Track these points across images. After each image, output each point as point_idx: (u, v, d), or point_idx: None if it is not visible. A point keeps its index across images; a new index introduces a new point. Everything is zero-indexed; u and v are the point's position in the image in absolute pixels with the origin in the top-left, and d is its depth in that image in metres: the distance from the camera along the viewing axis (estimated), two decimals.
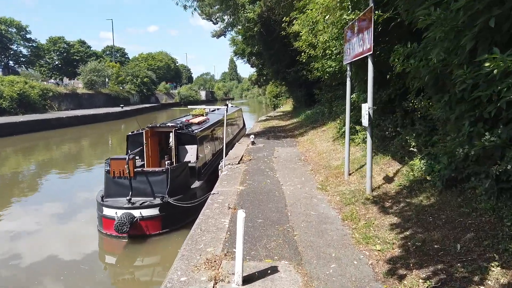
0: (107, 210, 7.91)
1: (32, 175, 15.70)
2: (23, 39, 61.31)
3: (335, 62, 9.51)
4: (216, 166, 11.98)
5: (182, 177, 8.74)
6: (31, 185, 13.77)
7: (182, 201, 8.28)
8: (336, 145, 11.36)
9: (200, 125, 12.28)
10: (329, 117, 17.68)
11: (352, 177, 7.74)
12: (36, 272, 6.65)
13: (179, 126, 10.35)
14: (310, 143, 13.37)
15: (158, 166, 10.86)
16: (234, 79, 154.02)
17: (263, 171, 9.39)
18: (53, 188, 13.24)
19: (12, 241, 8.09)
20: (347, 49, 7.69)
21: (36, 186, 13.69)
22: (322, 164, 9.71)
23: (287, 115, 29.63)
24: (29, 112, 33.82)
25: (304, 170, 9.34)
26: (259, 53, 28.10)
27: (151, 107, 58.92)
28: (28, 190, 12.89)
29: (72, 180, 14.51)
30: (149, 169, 8.29)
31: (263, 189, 7.58)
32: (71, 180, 14.49)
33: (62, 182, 14.19)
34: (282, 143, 14.26)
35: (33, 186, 13.63)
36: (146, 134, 10.06)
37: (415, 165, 6.52)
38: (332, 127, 15.06)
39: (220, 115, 16.43)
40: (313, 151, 11.79)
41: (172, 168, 8.29)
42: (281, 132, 18.55)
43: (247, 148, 13.26)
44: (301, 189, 7.48)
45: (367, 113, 6.07)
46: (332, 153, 10.61)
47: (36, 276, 6.50)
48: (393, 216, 5.25)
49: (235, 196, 7.10)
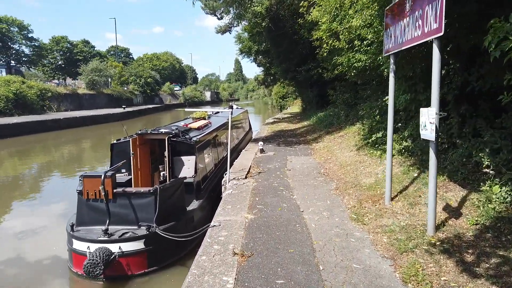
0: (77, 244, 6.15)
1: (17, 184, 14.04)
2: (25, 38, 60.03)
3: (366, 55, 7.68)
4: (219, 179, 10.20)
5: (175, 197, 6.95)
6: (32, 187, 13.50)
7: (175, 228, 6.50)
8: (361, 155, 9.51)
9: (201, 130, 10.50)
10: (346, 121, 15.84)
11: (396, 203, 5.91)
12: (41, 271, 6.65)
13: (174, 132, 8.58)
14: (328, 152, 11.53)
15: (150, 181, 9.11)
16: (239, 80, 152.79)
17: (276, 189, 7.58)
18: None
19: (18, 239, 8.18)
20: (389, 36, 5.88)
21: (38, 187, 13.48)
22: (348, 181, 7.88)
23: (296, 117, 27.82)
24: (26, 113, 32.38)
25: (327, 189, 7.51)
26: (266, 51, 26.26)
27: (154, 108, 57.39)
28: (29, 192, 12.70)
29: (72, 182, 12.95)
30: (131, 190, 6.50)
31: (278, 218, 5.78)
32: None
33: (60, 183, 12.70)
34: (295, 151, 12.44)
35: (35, 188, 13.36)
36: (134, 142, 8.30)
37: (494, 193, 4.68)
38: (351, 133, 13.23)
39: (224, 118, 14.65)
40: (334, 162, 9.96)
41: (163, 188, 6.50)
42: (292, 137, 16.72)
43: (255, 157, 11.47)
44: (329, 220, 5.67)
45: (432, 122, 4.23)
46: (358, 166, 8.77)
47: (41, 275, 6.52)
48: (486, 281, 3.42)
49: (242, 230, 5.29)
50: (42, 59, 66.31)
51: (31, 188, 13.28)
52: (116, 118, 39.20)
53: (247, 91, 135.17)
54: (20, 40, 59.42)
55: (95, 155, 20.89)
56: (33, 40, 61.50)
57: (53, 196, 11.87)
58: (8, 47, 57.53)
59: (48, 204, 11.07)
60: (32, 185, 13.99)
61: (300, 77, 21.65)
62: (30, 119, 28.74)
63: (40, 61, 65.65)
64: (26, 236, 8.34)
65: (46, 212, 10.23)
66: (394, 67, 5.80)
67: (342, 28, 7.89)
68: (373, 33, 6.93)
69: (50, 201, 11.37)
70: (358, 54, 7.90)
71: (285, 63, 22.94)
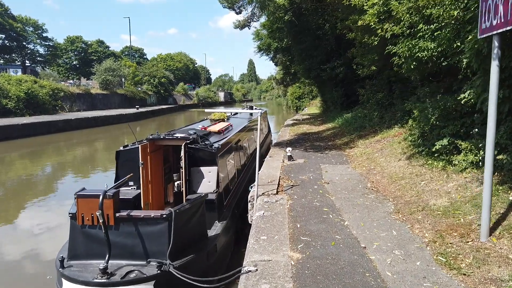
0: (68, 286, 4.72)
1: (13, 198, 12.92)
2: (39, 38, 59.96)
3: (435, 41, 6.05)
4: (243, 191, 8.72)
5: (195, 222, 5.46)
6: (46, 188, 13.61)
7: (195, 264, 5.05)
8: (415, 166, 7.86)
9: (222, 134, 9.02)
10: (380, 123, 14.17)
11: (498, 240, 4.28)
12: None
13: (192, 138, 7.12)
14: (368, 160, 9.91)
15: (162, 195, 7.68)
16: (252, 81, 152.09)
17: (319, 211, 6.03)
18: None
19: (35, 237, 8.58)
20: (487, 11, 4.28)
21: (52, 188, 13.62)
22: (410, 201, 6.27)
23: (317, 118, 26.15)
24: (38, 113, 31.61)
25: (385, 213, 5.92)
26: (287, 48, 24.67)
27: (168, 108, 56.50)
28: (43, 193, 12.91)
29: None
30: (139, 214, 5.05)
31: (336, 260, 4.22)
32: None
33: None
34: (327, 158, 10.85)
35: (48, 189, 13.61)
36: (144, 149, 6.87)
37: None
38: (390, 137, 11.58)
39: (244, 120, 13.17)
40: (380, 174, 8.34)
41: (179, 211, 5.02)
42: (318, 140, 15.12)
43: (282, 165, 9.93)
44: (407, 264, 4.09)
45: None
46: (416, 180, 7.14)
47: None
48: None
49: (289, 281, 3.74)
50: (56, 59, 66.30)
51: (45, 189, 13.47)
52: (129, 118, 38.27)
53: (260, 92, 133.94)
54: (34, 40, 59.39)
55: (109, 157, 19.71)
56: (47, 39, 61.53)
57: (66, 198, 11.34)
58: (23, 46, 57.48)
59: (62, 204, 10.89)
60: (46, 185, 14.16)
61: (325, 76, 20.01)
62: (40, 119, 27.87)
63: (54, 61, 65.60)
64: (42, 234, 8.90)
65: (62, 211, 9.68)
66: (499, 53, 4.18)
67: (404, 7, 6.28)
68: (452, 10, 5.26)
69: (63, 202, 11.04)
70: (422, 41, 6.26)
71: (308, 60, 21.33)
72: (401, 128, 12.01)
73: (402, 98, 13.39)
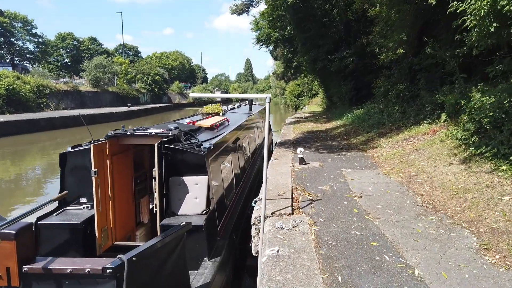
0: None
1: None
2: (28, 34, 57.40)
3: None
4: (244, 207, 6.60)
5: (167, 270, 3.32)
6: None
7: None
8: (478, 172, 5.74)
9: (216, 131, 6.78)
10: (403, 119, 12.07)
11: None
12: None
13: (171, 135, 4.96)
14: (403, 163, 7.79)
15: (133, 214, 5.55)
16: (249, 80, 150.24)
17: (364, 247, 3.90)
18: None
19: None
20: None
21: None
22: (498, 228, 4.15)
23: (320, 116, 24.09)
24: (20, 111, 29.36)
25: (468, 249, 3.80)
26: (289, 38, 22.51)
27: (162, 107, 54.20)
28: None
29: None
30: (62, 268, 2.90)
31: None
32: None
33: None
34: (347, 161, 8.72)
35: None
36: (99, 151, 4.71)
37: None
38: (422, 134, 9.50)
39: (243, 115, 11.01)
40: (429, 183, 6.21)
41: (136, 259, 2.87)
42: (329, 139, 12.99)
43: (293, 169, 7.80)
44: None
45: None
46: (490, 194, 5.02)
47: None
48: None
49: None
50: (47, 56, 63.72)
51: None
52: (120, 117, 36.05)
53: (257, 91, 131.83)
54: (23, 36, 56.83)
55: None
56: (37, 36, 58.88)
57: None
58: (11, 43, 54.92)
59: None
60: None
61: (332, 67, 17.88)
62: (21, 117, 25.62)
63: (44, 59, 63.02)
64: None
65: None
66: None
67: None
68: None
69: None
70: None
71: (313, 50, 19.17)
72: (431, 124, 9.95)
73: (429, 90, 11.35)
